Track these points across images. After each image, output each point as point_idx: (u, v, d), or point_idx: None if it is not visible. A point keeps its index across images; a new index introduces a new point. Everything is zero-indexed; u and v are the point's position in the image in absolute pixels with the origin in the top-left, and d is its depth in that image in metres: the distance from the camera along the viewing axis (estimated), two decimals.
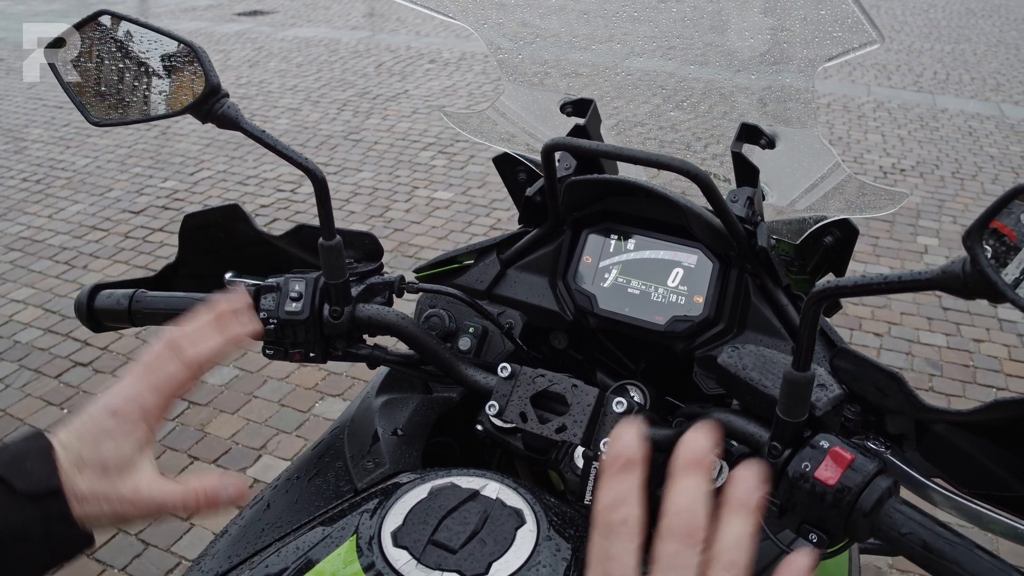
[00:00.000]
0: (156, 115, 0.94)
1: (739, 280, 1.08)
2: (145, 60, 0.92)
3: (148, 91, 0.93)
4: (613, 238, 1.14)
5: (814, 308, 0.71)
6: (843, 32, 0.98)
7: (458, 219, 4.93)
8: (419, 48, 8.84)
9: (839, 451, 0.75)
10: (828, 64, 1.02)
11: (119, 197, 5.25)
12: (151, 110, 0.94)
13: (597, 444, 0.93)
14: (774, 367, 0.84)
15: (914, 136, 6.47)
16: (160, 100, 0.93)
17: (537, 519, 0.84)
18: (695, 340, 1.08)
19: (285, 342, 1.00)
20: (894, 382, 0.84)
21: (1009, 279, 0.59)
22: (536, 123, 1.31)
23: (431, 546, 0.80)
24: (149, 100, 0.94)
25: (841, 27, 0.98)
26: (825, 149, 1.16)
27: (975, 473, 0.86)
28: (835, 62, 1.01)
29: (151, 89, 0.93)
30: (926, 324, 3.97)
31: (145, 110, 0.94)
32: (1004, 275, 0.59)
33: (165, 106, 0.93)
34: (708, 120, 1.26)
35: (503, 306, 1.19)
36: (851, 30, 0.97)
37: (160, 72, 0.92)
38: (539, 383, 0.97)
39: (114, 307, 1.08)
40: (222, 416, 3.31)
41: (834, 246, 1.17)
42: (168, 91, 0.92)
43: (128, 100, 0.93)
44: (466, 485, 0.87)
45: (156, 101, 0.93)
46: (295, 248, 1.15)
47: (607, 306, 1.11)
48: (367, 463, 1.02)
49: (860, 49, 0.98)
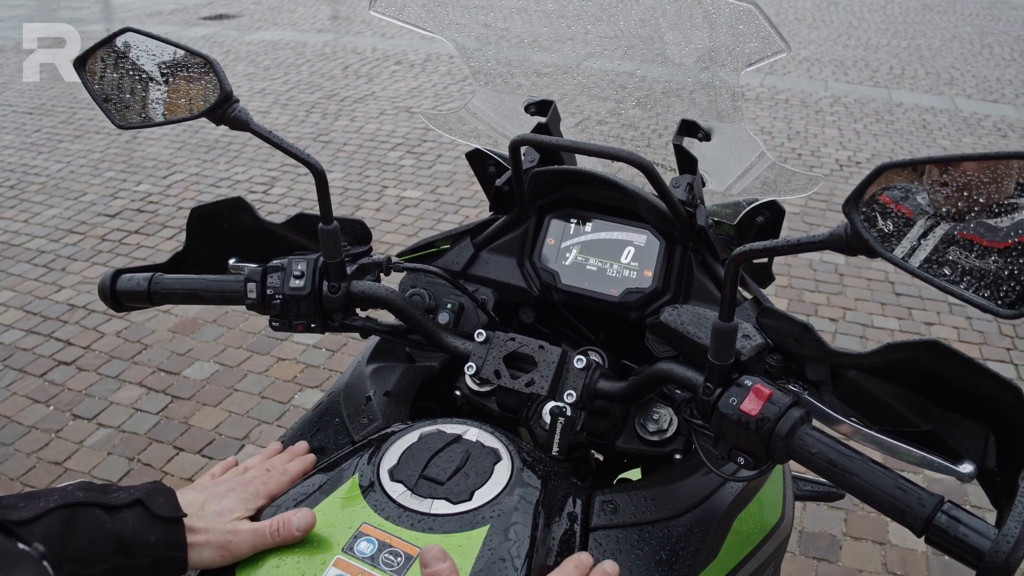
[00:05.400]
0: (176, 119, 1.08)
1: (683, 256, 1.24)
2: (165, 71, 1.07)
3: (168, 98, 1.07)
4: (573, 222, 1.29)
5: (733, 267, 0.86)
6: (758, 43, 1.15)
7: (427, 216, 5.06)
8: (385, 50, 8.96)
9: (760, 387, 0.90)
10: (748, 69, 1.18)
11: (94, 201, 5.34)
12: (171, 115, 1.08)
13: (561, 396, 1.08)
14: (707, 322, 1.00)
15: (870, 130, 6.68)
16: (179, 106, 1.07)
17: (511, 456, 1.00)
18: (646, 309, 1.23)
19: (289, 315, 1.15)
20: (806, 331, 1.00)
21: (879, 238, 0.76)
22: (504, 122, 1.46)
23: (422, 480, 0.96)
24: (169, 106, 1.08)
25: (756, 38, 1.15)
26: (752, 140, 1.31)
27: (884, 413, 1.01)
28: (754, 67, 1.17)
29: (171, 96, 1.07)
30: (879, 309, 4.16)
31: (165, 115, 1.08)
32: (874, 235, 0.75)
33: (184, 111, 1.07)
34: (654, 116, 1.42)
35: (477, 284, 1.34)
36: (764, 41, 1.14)
37: (179, 81, 1.06)
38: (510, 345, 1.12)
39: (135, 289, 1.21)
40: (205, 409, 3.43)
41: (765, 224, 1.33)
42: (186, 98, 1.06)
43: (150, 106, 1.08)
44: (450, 430, 1.03)
45: (175, 106, 1.07)
46: (294, 234, 1.29)
47: (569, 282, 1.26)
48: (362, 419, 1.17)
49: (773, 56, 1.15)
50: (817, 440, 0.87)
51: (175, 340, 3.88)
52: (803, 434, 0.88)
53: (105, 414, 3.40)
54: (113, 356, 3.77)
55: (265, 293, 1.14)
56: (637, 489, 1.06)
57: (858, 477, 0.84)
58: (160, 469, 3.09)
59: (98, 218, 5.10)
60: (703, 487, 1.09)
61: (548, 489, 0.98)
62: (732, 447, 0.92)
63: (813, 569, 2.70)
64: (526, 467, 0.99)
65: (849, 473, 0.85)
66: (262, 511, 0.97)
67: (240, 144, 6.19)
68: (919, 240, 0.77)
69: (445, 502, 0.93)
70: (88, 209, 5.23)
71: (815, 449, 0.87)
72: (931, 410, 0.97)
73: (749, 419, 0.89)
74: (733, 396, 0.91)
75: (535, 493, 0.96)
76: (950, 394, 0.94)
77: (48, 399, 3.50)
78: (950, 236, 0.76)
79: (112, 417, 3.39)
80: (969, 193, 0.74)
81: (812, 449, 0.87)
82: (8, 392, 3.53)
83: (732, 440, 0.91)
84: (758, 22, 1.13)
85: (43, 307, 4.16)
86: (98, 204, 5.30)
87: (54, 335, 3.93)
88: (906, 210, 0.77)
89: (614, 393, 1.09)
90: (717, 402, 0.92)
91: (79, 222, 5.06)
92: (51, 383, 3.60)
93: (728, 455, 0.93)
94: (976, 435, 0.94)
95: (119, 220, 5.07)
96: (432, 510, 0.92)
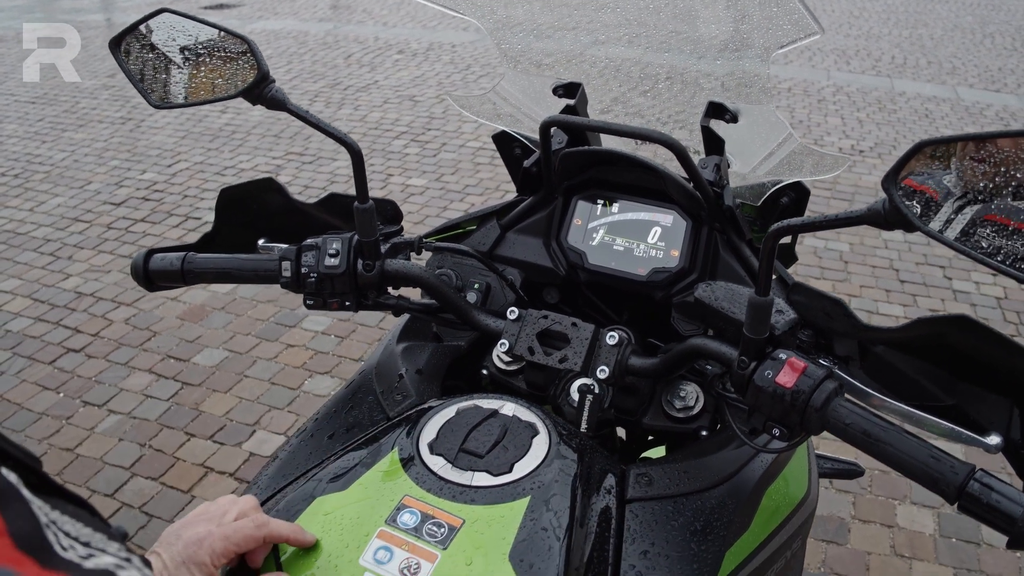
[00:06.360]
0: (212, 99, 1.09)
1: (709, 236, 1.25)
2: (202, 51, 1.08)
3: (205, 77, 1.08)
4: (600, 203, 1.30)
5: (772, 242, 0.88)
6: (791, 25, 1.16)
7: (433, 204, 5.07)
8: (387, 39, 8.95)
9: (795, 360, 0.92)
10: (780, 52, 1.20)
11: (99, 189, 5.34)
12: (208, 94, 1.09)
13: (594, 372, 1.10)
14: (740, 298, 1.01)
15: (872, 119, 6.68)
16: (216, 85, 1.08)
17: (548, 430, 1.01)
18: (672, 288, 1.25)
19: (324, 293, 1.17)
20: (838, 307, 1.01)
21: (918, 213, 0.77)
22: (531, 104, 1.47)
23: (462, 453, 0.97)
24: (206, 85, 1.09)
25: (789, 21, 1.16)
26: (780, 122, 1.33)
27: (910, 388, 1.03)
28: (786, 49, 1.19)
29: (208, 76, 1.08)
30: (884, 296, 4.18)
31: (202, 94, 1.10)
32: (912, 210, 0.77)
33: (220, 90, 1.08)
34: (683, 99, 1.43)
35: (503, 265, 1.35)
36: (797, 23, 1.16)
37: (215, 61, 1.07)
38: (543, 323, 1.14)
39: (168, 268, 1.22)
40: (215, 395, 3.44)
41: (789, 205, 1.34)
42: (223, 78, 1.07)
43: (187, 86, 1.09)
44: (487, 405, 1.04)
45: (212, 86, 1.08)
46: (326, 214, 1.31)
47: (596, 261, 1.28)
48: (396, 396, 1.19)
49: (806, 39, 1.16)
50: (851, 411, 0.89)
51: (184, 327, 3.90)
52: (837, 406, 0.90)
53: (115, 400, 3.42)
54: (122, 343, 3.78)
55: (300, 271, 1.15)
56: (670, 463, 1.08)
57: (892, 447, 0.86)
58: (172, 455, 3.11)
59: (103, 206, 5.11)
60: (733, 461, 1.11)
61: (584, 462, 1.00)
62: (767, 419, 0.94)
63: (822, 551, 2.72)
64: (563, 441, 1.01)
65: (883, 443, 0.87)
66: None
67: (244, 132, 6.19)
68: (955, 214, 0.79)
69: (486, 474, 0.95)
70: (93, 198, 5.23)
71: (849, 420, 0.88)
72: (956, 385, 0.99)
73: (785, 391, 0.91)
74: (768, 369, 0.92)
75: (573, 466, 0.98)
76: (975, 368, 0.96)
77: (58, 386, 3.51)
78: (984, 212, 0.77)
79: (122, 404, 3.40)
80: (1004, 168, 0.76)
81: (846, 420, 0.88)
82: (18, 379, 3.54)
83: (767, 412, 0.93)
84: (792, 4, 1.14)
85: (51, 295, 4.17)
86: (103, 193, 5.30)
87: (62, 323, 3.94)
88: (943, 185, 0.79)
89: (646, 369, 1.10)
90: (752, 375, 0.94)
91: (85, 210, 5.06)
92: (60, 370, 3.61)
93: (763, 427, 0.94)
94: (1001, 409, 0.95)
95: (125, 208, 5.08)
96: (473, 482, 0.94)
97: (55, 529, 0.45)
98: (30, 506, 0.45)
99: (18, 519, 0.42)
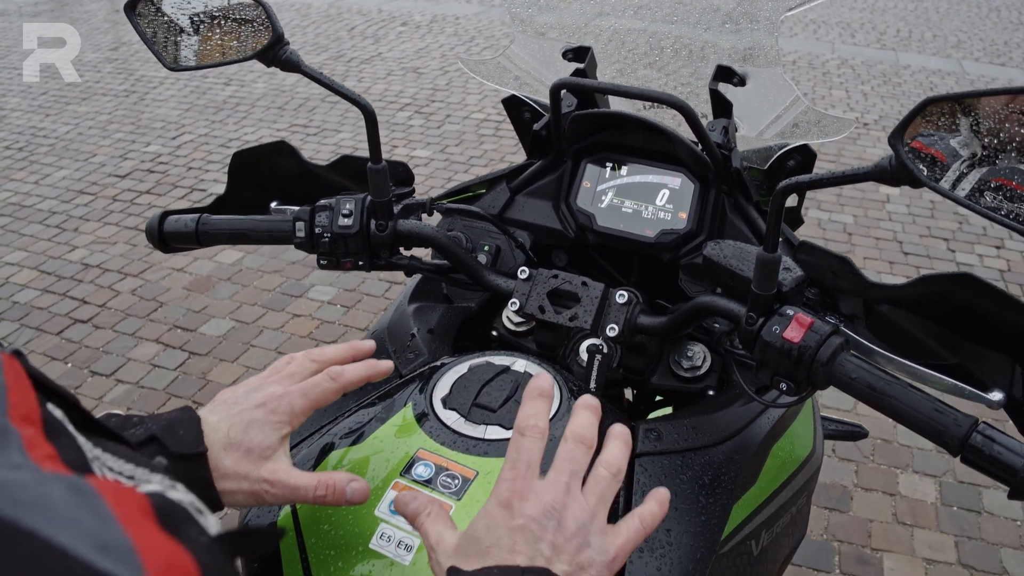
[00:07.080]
0: (227, 60, 1.11)
1: (717, 198, 1.27)
2: (216, 13, 1.09)
3: (220, 40, 1.09)
4: (608, 166, 1.32)
5: (780, 199, 0.89)
6: None
7: (438, 175, 5.08)
8: (390, 11, 8.91)
9: (802, 316, 0.93)
10: (789, 13, 1.21)
11: (103, 162, 5.35)
12: (222, 56, 1.11)
13: (604, 330, 1.12)
14: (748, 255, 1.03)
15: (877, 92, 6.67)
16: (230, 47, 1.09)
17: (559, 386, 1.03)
18: (680, 250, 1.26)
19: (338, 253, 1.18)
20: (844, 264, 1.03)
21: (924, 170, 0.79)
22: (541, 68, 1.48)
23: (475, 407, 0.99)
24: (220, 47, 1.10)
25: None
26: (787, 85, 1.34)
27: (913, 346, 1.05)
28: (795, 11, 1.20)
29: (222, 38, 1.09)
30: (888, 268, 4.19)
31: (217, 56, 1.11)
32: (919, 166, 0.78)
33: (235, 53, 1.10)
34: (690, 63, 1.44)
35: (512, 227, 1.37)
36: None
37: (230, 23, 1.09)
38: (553, 282, 1.15)
39: (182, 230, 1.24)
40: (222, 364, 3.47)
41: (796, 169, 1.35)
42: (237, 40, 1.09)
43: (202, 48, 1.10)
44: (499, 362, 1.06)
45: (227, 48, 1.10)
46: (337, 176, 1.32)
47: (605, 223, 1.29)
48: (408, 354, 1.21)
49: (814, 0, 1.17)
50: (857, 366, 0.91)
51: (190, 298, 3.92)
52: (843, 360, 0.91)
53: (123, 370, 3.45)
54: (129, 314, 3.81)
55: (314, 232, 1.17)
56: (678, 419, 1.10)
57: (897, 400, 0.88)
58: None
59: (108, 179, 5.11)
60: (740, 418, 1.13)
61: None
62: (774, 374, 0.96)
63: (825, 519, 2.75)
64: (574, 397, 1.02)
65: (888, 396, 0.88)
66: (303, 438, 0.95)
67: (248, 105, 6.18)
68: (961, 170, 0.80)
69: (499, 427, 0.97)
70: (98, 170, 5.23)
71: (855, 375, 0.90)
72: (959, 343, 1.01)
73: (792, 346, 0.92)
74: (776, 325, 0.94)
75: None
76: (979, 327, 0.97)
77: (66, 356, 3.54)
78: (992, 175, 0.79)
79: (130, 373, 3.43)
80: (1010, 125, 0.78)
81: (852, 375, 0.90)
82: (26, 350, 3.52)
83: (775, 367, 0.95)
84: None
85: (57, 267, 4.19)
86: (108, 165, 5.30)
87: (69, 294, 3.96)
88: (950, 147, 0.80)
89: (654, 327, 1.12)
90: (760, 331, 0.95)
91: (90, 183, 5.07)
92: (68, 341, 3.64)
93: (771, 382, 0.96)
94: (1003, 367, 0.97)
95: (129, 181, 5.08)
96: (487, 435, 0.96)
97: (99, 464, 0.47)
98: (76, 440, 0.46)
99: (68, 451, 0.44)
